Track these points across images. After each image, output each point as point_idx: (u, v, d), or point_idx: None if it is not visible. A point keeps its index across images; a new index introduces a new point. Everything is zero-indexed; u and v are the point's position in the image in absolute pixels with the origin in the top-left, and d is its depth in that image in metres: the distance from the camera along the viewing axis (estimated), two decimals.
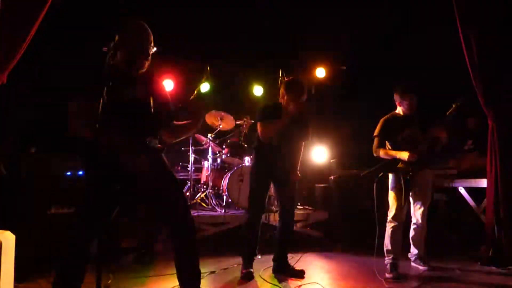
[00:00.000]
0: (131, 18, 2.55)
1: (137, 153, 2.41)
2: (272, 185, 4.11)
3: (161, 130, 2.67)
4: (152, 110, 2.55)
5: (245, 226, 3.95)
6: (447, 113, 3.87)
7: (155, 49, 2.58)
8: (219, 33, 6.40)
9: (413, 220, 4.13)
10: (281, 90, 3.83)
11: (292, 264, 4.00)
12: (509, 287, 3.51)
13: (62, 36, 5.23)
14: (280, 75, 3.98)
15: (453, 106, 3.88)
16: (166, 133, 2.71)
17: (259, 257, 4.19)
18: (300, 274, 3.82)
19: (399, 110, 4.13)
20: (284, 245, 3.97)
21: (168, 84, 6.63)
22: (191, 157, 6.24)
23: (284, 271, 3.88)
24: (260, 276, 3.83)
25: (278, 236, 3.98)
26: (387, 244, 3.94)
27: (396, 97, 4.11)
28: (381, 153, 4.00)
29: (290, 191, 3.95)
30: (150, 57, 2.58)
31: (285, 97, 3.74)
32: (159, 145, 2.64)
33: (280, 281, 3.69)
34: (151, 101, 2.56)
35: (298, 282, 3.65)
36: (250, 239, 3.87)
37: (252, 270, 3.81)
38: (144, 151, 2.46)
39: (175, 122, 2.68)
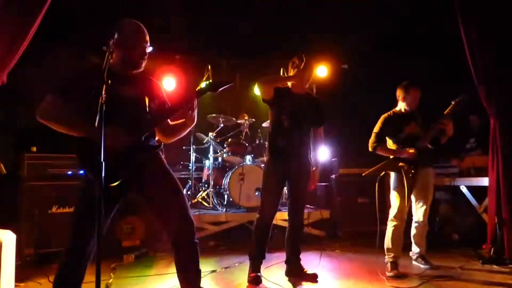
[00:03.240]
0: (126, 18, 2.55)
1: (134, 152, 2.41)
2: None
3: (157, 130, 2.67)
4: (147, 109, 2.55)
5: (257, 227, 3.63)
6: (445, 112, 3.86)
7: (150, 48, 2.58)
8: (220, 31, 6.40)
9: (415, 219, 4.12)
10: (291, 66, 3.67)
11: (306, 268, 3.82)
12: (511, 286, 3.49)
13: (62, 34, 5.24)
14: (281, 73, 3.95)
15: (452, 103, 3.86)
16: (161, 133, 2.71)
17: None
18: (312, 278, 3.67)
19: (401, 106, 4.12)
20: (295, 246, 3.79)
21: (169, 83, 6.63)
22: (192, 156, 6.25)
23: (296, 274, 3.74)
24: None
25: (288, 237, 3.80)
26: (388, 242, 3.93)
27: (400, 92, 4.09)
28: (380, 149, 3.99)
29: (303, 190, 3.71)
30: (146, 57, 2.58)
31: (291, 66, 3.63)
32: (156, 143, 2.64)
33: (280, 280, 3.68)
34: (147, 100, 2.56)
35: (300, 281, 3.65)
36: (261, 241, 3.63)
37: (260, 274, 3.60)
38: (141, 150, 2.45)
39: (170, 122, 2.68)
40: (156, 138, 2.69)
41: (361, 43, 6.59)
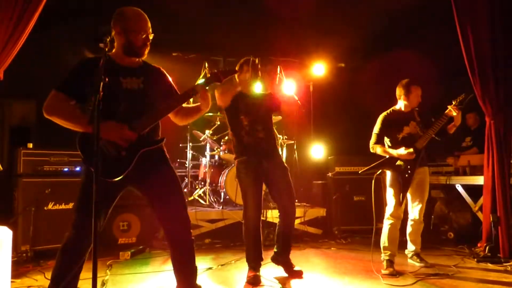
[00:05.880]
0: (127, 6, 2.53)
1: (137, 146, 2.41)
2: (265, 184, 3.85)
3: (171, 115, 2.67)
4: (153, 100, 2.54)
5: (246, 232, 3.60)
6: (445, 112, 3.87)
7: (152, 35, 2.56)
8: (217, 28, 6.39)
9: (410, 217, 4.13)
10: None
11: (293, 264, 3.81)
12: (505, 284, 3.51)
13: (59, 29, 5.23)
14: (278, 71, 3.95)
15: (453, 103, 3.86)
16: (174, 116, 2.71)
17: None
18: (298, 275, 3.70)
19: (400, 105, 4.10)
20: (285, 240, 3.77)
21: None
22: (189, 154, 6.26)
23: (283, 265, 3.76)
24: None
25: (279, 234, 3.80)
26: (384, 241, 3.94)
27: (400, 91, 4.07)
28: (379, 150, 3.99)
29: (283, 183, 3.68)
30: (149, 43, 2.55)
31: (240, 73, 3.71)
32: (160, 137, 2.63)
33: (278, 278, 3.68)
34: (152, 91, 2.55)
35: (296, 279, 3.66)
36: (253, 244, 3.60)
37: (259, 274, 3.57)
38: (144, 144, 2.45)
39: (184, 105, 2.68)
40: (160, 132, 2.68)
41: (358, 42, 6.60)
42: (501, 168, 4.35)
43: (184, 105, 2.69)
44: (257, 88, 3.80)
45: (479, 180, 4.68)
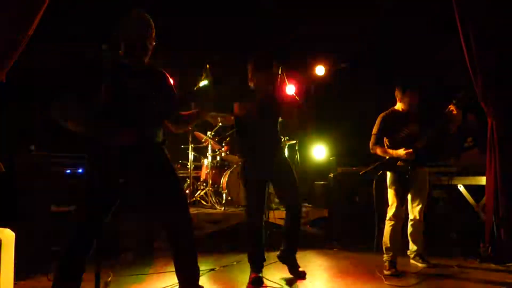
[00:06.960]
0: (133, 9, 2.53)
1: (140, 148, 2.41)
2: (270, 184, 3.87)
3: (168, 121, 2.68)
4: (157, 101, 2.54)
5: (249, 233, 3.61)
6: (446, 111, 3.87)
7: (153, 39, 2.56)
8: (218, 29, 6.39)
9: (410, 217, 4.12)
10: (249, 71, 3.74)
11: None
12: (508, 284, 3.51)
13: (61, 33, 5.24)
14: (279, 72, 3.96)
15: (453, 102, 3.87)
16: (172, 124, 2.72)
17: None
18: (301, 275, 3.70)
19: (399, 106, 4.12)
20: (291, 239, 3.74)
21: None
22: (191, 155, 6.27)
23: (288, 264, 3.75)
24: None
25: (284, 229, 3.79)
26: (386, 241, 3.93)
27: (398, 93, 4.09)
28: (379, 151, 3.99)
29: (288, 183, 3.68)
30: (150, 50, 2.56)
31: (255, 77, 3.67)
32: (162, 139, 2.64)
33: (281, 279, 3.67)
34: (155, 94, 2.56)
35: (296, 278, 3.66)
36: (256, 245, 3.60)
37: (261, 275, 3.54)
38: (146, 146, 2.46)
39: (181, 113, 2.69)
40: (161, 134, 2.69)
41: (359, 42, 6.60)
42: (503, 168, 4.33)
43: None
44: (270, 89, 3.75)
45: (481, 180, 4.67)
